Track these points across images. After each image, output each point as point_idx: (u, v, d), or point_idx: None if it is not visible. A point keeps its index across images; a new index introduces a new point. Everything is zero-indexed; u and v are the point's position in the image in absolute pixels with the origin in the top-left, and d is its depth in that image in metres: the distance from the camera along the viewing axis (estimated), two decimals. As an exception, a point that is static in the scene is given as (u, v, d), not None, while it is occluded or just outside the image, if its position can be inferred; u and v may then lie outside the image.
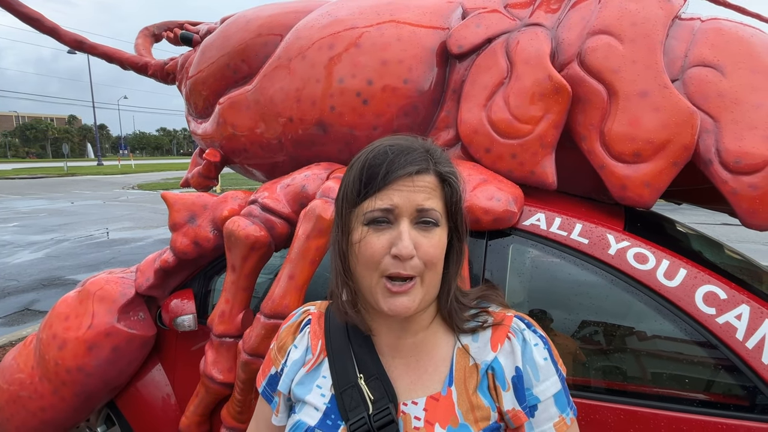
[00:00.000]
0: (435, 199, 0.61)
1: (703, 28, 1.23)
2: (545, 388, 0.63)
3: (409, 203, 0.60)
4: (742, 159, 1.08)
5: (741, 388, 0.96)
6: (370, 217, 0.60)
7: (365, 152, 0.64)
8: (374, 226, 0.60)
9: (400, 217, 0.60)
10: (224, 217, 1.39)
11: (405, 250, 0.58)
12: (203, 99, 1.78)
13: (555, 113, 1.23)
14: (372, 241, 0.60)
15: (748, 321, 0.97)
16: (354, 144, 1.46)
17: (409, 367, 0.67)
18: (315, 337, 0.72)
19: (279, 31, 1.62)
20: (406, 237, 0.59)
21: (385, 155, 0.61)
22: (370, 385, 0.65)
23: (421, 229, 0.60)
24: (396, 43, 1.40)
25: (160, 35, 2.36)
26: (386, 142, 0.64)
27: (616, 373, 1.11)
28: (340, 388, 0.66)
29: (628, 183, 1.17)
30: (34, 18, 1.94)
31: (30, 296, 4.71)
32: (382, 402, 0.63)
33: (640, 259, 1.07)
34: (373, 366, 0.67)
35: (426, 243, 0.60)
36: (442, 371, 0.66)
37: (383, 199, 0.60)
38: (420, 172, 0.60)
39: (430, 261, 0.60)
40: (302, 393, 0.69)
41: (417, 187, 0.60)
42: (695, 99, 1.15)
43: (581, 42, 1.25)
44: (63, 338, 1.45)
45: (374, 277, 0.61)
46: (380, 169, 0.60)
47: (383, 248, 0.60)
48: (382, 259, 0.60)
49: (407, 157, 0.61)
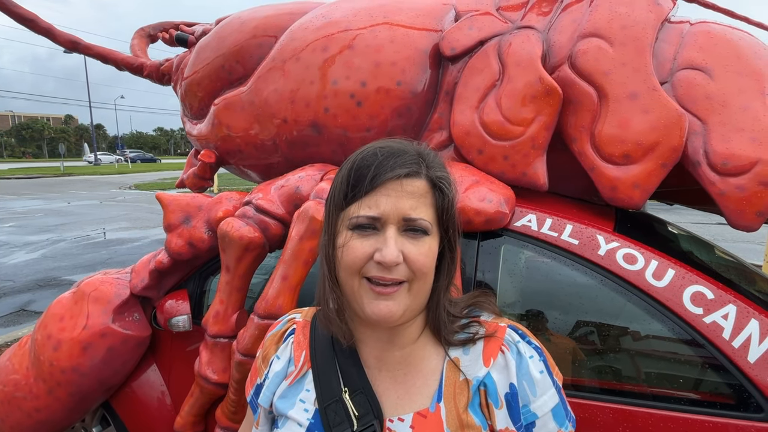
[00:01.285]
0: (424, 207, 0.59)
1: (692, 31, 1.24)
2: (543, 403, 0.60)
3: (396, 211, 0.57)
4: (729, 161, 1.10)
5: (727, 386, 0.97)
6: (356, 222, 0.58)
7: (355, 154, 0.61)
8: (359, 231, 0.58)
9: (386, 225, 0.57)
10: (219, 218, 1.40)
11: (389, 257, 0.55)
12: (198, 100, 1.78)
13: (546, 115, 1.24)
14: (355, 246, 0.58)
15: (735, 320, 0.99)
16: (348, 145, 1.47)
17: (397, 381, 0.64)
18: (299, 347, 0.69)
19: (273, 33, 1.63)
20: (392, 243, 0.56)
21: (375, 157, 0.59)
22: (355, 400, 0.62)
23: (409, 237, 0.58)
24: (389, 45, 1.41)
25: (155, 36, 2.36)
26: (378, 144, 0.62)
27: (606, 372, 1.13)
28: (324, 402, 0.62)
29: (618, 184, 1.19)
30: (29, 19, 1.93)
31: (26, 297, 4.69)
32: (367, 418, 0.60)
33: (629, 259, 1.08)
34: (359, 379, 0.63)
35: (414, 251, 0.57)
36: (431, 386, 0.63)
37: (370, 205, 0.57)
38: (409, 176, 0.58)
39: (419, 269, 0.58)
40: (284, 407, 0.66)
41: (405, 193, 0.57)
42: (684, 101, 1.16)
43: (572, 45, 1.26)
44: (58, 339, 1.45)
45: (356, 281, 0.59)
46: (368, 171, 0.58)
47: (366, 254, 0.57)
48: (365, 264, 0.57)
49: (397, 159, 0.58)
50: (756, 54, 1.18)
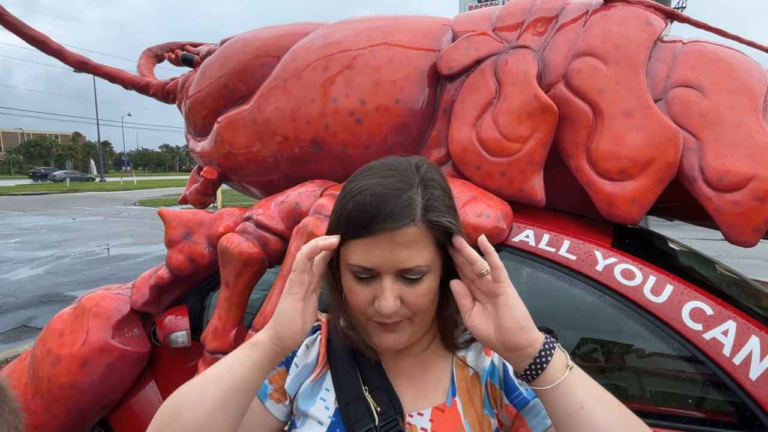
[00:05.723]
0: (420, 252, 0.57)
1: (685, 50, 1.27)
2: None
3: (390, 264, 0.57)
4: (724, 177, 1.10)
5: (729, 404, 0.96)
6: (353, 270, 0.60)
7: (350, 196, 0.59)
8: (359, 277, 0.60)
9: (382, 274, 0.59)
10: (219, 233, 1.41)
11: (386, 309, 0.58)
12: (202, 118, 1.82)
13: (542, 132, 1.26)
14: (357, 292, 0.61)
15: (735, 337, 0.98)
16: (347, 161, 1.49)
17: (413, 380, 0.68)
18: (322, 346, 0.72)
19: (276, 53, 1.67)
20: (389, 295, 0.58)
21: (365, 205, 0.56)
22: (376, 397, 0.65)
23: (407, 282, 0.59)
24: (388, 65, 1.44)
25: (162, 56, 2.42)
26: (370, 184, 0.58)
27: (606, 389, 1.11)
28: (345, 400, 0.65)
29: (614, 200, 1.19)
30: (40, 40, 2.00)
31: (28, 312, 4.70)
32: (389, 414, 0.63)
33: (627, 275, 1.08)
34: (378, 378, 0.67)
35: (411, 294, 0.59)
36: (444, 383, 0.67)
37: (364, 256, 0.57)
38: (402, 227, 0.56)
39: (418, 309, 0.61)
40: (305, 406, 0.68)
41: (397, 245, 0.56)
42: (678, 118, 1.18)
43: (567, 63, 1.29)
44: (57, 354, 1.45)
45: (362, 318, 0.64)
46: (361, 216, 0.56)
47: (367, 300, 0.60)
48: (367, 309, 0.61)
49: (390, 208, 0.55)
50: (747, 72, 1.20)
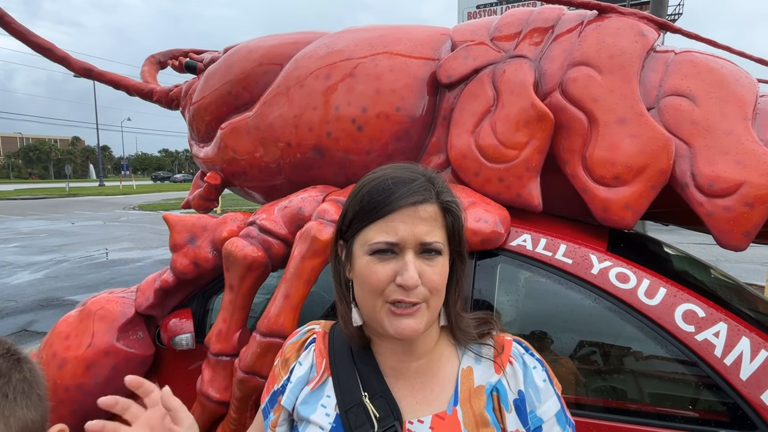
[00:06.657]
0: (437, 230, 0.63)
1: (677, 60, 1.31)
2: (547, 409, 0.66)
3: (413, 237, 0.62)
4: (715, 183, 1.14)
5: (720, 404, 0.99)
6: (375, 248, 0.62)
7: (367, 182, 0.65)
8: (379, 256, 0.62)
9: (404, 249, 0.62)
10: (223, 238, 1.44)
11: (411, 281, 0.60)
12: (205, 124, 1.85)
13: (539, 139, 1.29)
14: (377, 270, 0.62)
15: (726, 338, 1.01)
16: (349, 168, 1.53)
17: (414, 388, 0.69)
18: (320, 355, 0.73)
19: (279, 61, 1.71)
20: (412, 267, 0.61)
21: (387, 184, 0.63)
22: (375, 404, 0.66)
23: (425, 258, 0.63)
24: (389, 74, 1.48)
25: (165, 63, 2.45)
26: (388, 172, 0.65)
27: (600, 390, 1.14)
28: (345, 406, 0.66)
29: (609, 205, 1.23)
30: (47, 48, 2.03)
31: (28, 317, 4.70)
32: (388, 420, 0.64)
33: (622, 278, 1.11)
34: (378, 385, 0.68)
35: (430, 271, 0.62)
36: (447, 391, 0.68)
37: (387, 231, 0.62)
38: (422, 202, 0.62)
39: (434, 288, 0.63)
40: (306, 412, 0.69)
41: (420, 219, 0.62)
42: (670, 126, 1.22)
43: (563, 73, 1.33)
44: (63, 357, 1.47)
45: (378, 302, 0.63)
46: (382, 197, 0.62)
47: (388, 277, 0.62)
48: (387, 287, 0.62)
49: (410, 186, 0.63)
50: (738, 81, 1.24)
